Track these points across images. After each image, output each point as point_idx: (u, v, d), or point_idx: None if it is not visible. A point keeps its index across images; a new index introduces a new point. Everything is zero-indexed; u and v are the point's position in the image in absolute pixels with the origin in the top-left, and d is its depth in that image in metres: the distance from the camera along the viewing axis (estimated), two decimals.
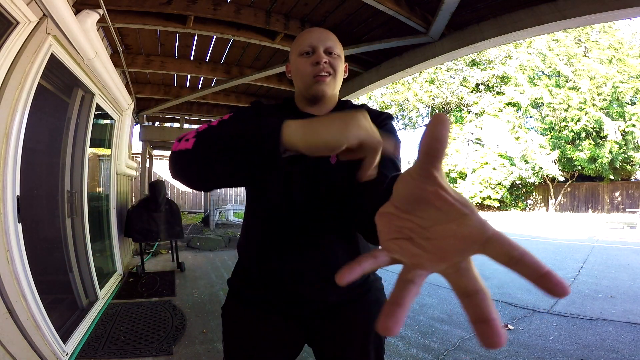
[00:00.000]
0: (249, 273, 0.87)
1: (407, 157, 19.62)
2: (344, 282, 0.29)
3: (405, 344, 2.32)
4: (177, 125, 7.38)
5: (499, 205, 17.99)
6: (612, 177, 15.58)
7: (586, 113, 15.04)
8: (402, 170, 0.70)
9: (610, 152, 14.91)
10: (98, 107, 2.82)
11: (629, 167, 15.53)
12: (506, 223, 11.60)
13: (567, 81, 15.69)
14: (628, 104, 14.69)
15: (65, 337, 1.93)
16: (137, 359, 2.02)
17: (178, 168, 0.57)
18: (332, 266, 0.79)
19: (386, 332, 0.28)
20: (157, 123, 7.26)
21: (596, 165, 15.19)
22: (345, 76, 0.90)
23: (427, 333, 2.49)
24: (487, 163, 17.54)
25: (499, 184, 17.37)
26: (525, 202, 18.68)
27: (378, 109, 0.92)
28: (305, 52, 0.82)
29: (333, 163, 0.76)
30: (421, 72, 15.89)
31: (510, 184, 17.50)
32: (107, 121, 3.47)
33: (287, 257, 0.79)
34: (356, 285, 0.85)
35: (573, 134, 15.62)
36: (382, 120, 0.85)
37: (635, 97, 14.62)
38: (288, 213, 0.79)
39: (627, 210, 14.06)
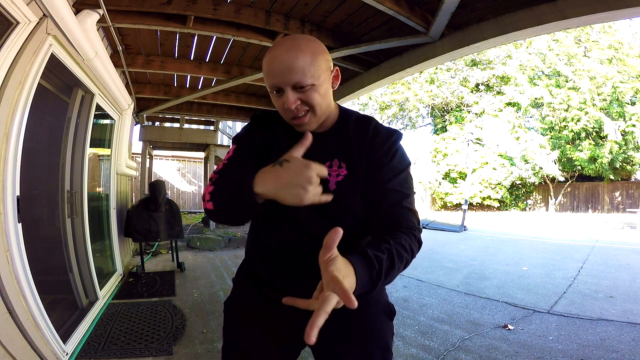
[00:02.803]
0: (253, 275, 0.89)
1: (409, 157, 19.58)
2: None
3: (405, 344, 2.32)
4: (177, 125, 7.37)
5: (499, 205, 17.97)
6: (612, 177, 15.56)
7: (586, 113, 15.03)
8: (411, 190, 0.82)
9: (610, 152, 14.90)
10: (98, 107, 2.81)
11: (629, 167, 15.51)
12: (506, 223, 11.60)
13: (567, 81, 15.67)
14: (628, 104, 14.67)
15: (65, 337, 1.93)
16: (137, 359, 2.02)
17: (215, 221, 0.77)
18: None
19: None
20: (157, 123, 7.26)
21: (596, 165, 15.18)
22: (335, 87, 0.80)
23: (427, 333, 2.49)
24: (487, 163, 17.51)
25: (499, 184, 17.35)
26: (525, 202, 18.67)
27: (387, 125, 0.88)
28: (275, 90, 0.74)
29: (332, 189, 0.78)
30: (421, 72, 15.89)
31: (510, 184, 17.47)
32: (107, 121, 3.47)
33: (292, 267, 0.81)
34: None
35: (573, 134, 15.60)
36: (392, 142, 0.81)
37: (635, 97, 14.60)
38: (292, 231, 0.81)
39: (627, 210, 14.04)
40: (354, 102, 19.69)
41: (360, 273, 0.59)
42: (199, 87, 4.58)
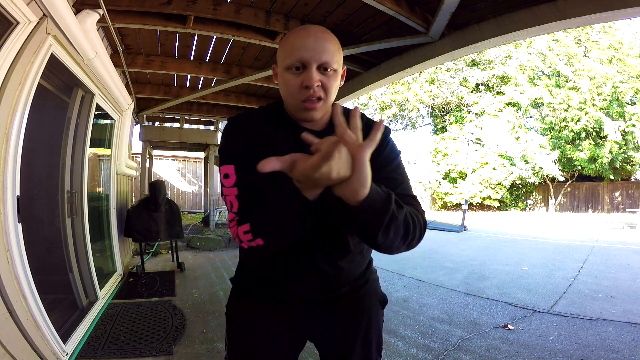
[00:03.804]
0: (252, 273, 0.89)
1: (408, 157, 19.62)
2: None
3: (405, 344, 2.32)
4: (177, 125, 7.37)
5: (499, 205, 17.97)
6: (612, 177, 15.56)
7: (586, 113, 15.03)
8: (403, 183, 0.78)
9: (610, 152, 14.90)
10: (98, 107, 2.81)
11: (629, 167, 15.51)
12: (506, 223, 11.60)
13: (567, 81, 15.67)
14: (628, 104, 14.68)
15: (65, 337, 1.93)
16: (137, 359, 2.02)
17: (270, 250, 0.73)
18: (334, 267, 0.82)
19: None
20: (157, 123, 7.26)
21: (596, 165, 15.18)
22: (341, 84, 0.80)
23: (427, 333, 2.49)
24: (487, 163, 17.51)
25: (499, 184, 17.35)
26: (525, 202, 18.67)
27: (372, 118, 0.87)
28: (295, 67, 0.70)
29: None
30: (421, 72, 15.89)
31: (510, 184, 17.48)
32: (107, 121, 3.47)
33: (291, 262, 0.81)
34: (356, 278, 0.88)
35: (573, 134, 15.60)
36: (383, 135, 0.77)
37: (635, 97, 14.60)
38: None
39: (627, 210, 14.04)
40: (354, 102, 19.67)
41: (375, 187, 0.59)
42: (199, 87, 4.58)
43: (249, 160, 0.69)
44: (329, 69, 0.71)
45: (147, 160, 7.53)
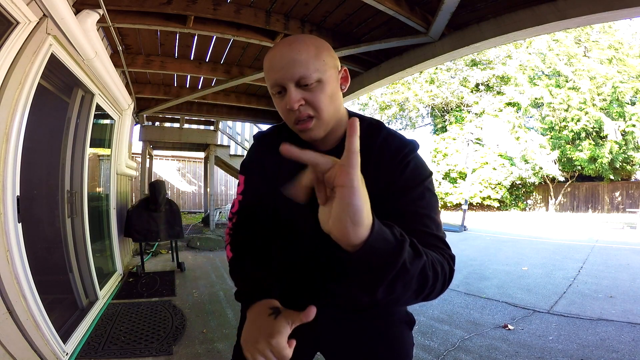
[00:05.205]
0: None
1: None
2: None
3: None
4: (177, 125, 7.37)
5: (499, 205, 17.97)
6: (612, 177, 15.56)
7: (586, 113, 15.03)
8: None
9: (610, 152, 14.90)
10: (98, 107, 2.82)
11: (629, 167, 15.52)
12: (506, 223, 11.60)
13: (567, 81, 15.67)
14: (628, 104, 14.68)
15: (65, 337, 1.93)
16: (137, 359, 2.02)
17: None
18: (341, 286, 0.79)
19: None
20: (157, 123, 7.26)
21: (596, 165, 15.18)
22: (344, 89, 0.72)
23: (427, 333, 2.49)
24: (487, 163, 17.51)
25: (499, 184, 17.35)
26: (525, 202, 18.67)
27: (402, 137, 0.73)
28: (277, 92, 0.66)
29: None
30: (421, 72, 15.87)
31: (510, 184, 17.48)
32: (107, 121, 3.47)
33: (305, 280, 0.80)
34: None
35: (573, 134, 15.60)
36: (403, 155, 0.69)
37: (635, 97, 14.60)
38: (305, 244, 0.78)
39: (627, 210, 14.04)
40: (354, 102, 19.68)
41: (381, 228, 0.44)
42: (199, 87, 4.58)
43: (254, 178, 0.82)
44: (309, 84, 0.63)
45: (147, 160, 7.53)
